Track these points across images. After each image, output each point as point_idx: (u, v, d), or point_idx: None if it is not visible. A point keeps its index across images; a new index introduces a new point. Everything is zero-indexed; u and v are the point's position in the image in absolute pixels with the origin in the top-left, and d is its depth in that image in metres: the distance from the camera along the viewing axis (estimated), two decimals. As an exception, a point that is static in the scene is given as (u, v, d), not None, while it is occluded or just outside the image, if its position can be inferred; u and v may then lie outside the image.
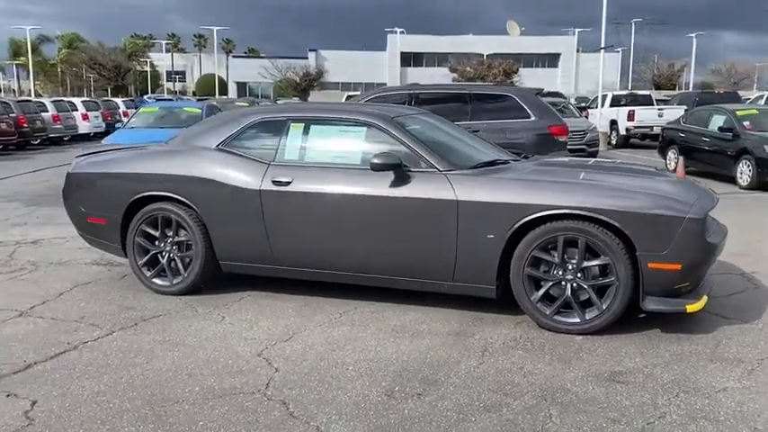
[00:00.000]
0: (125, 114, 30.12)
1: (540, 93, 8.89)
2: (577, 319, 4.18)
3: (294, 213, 4.69)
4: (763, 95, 24.41)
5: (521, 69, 47.90)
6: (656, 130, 20.58)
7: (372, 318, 4.55)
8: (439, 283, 4.52)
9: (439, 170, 4.45)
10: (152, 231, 5.13)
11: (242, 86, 65.88)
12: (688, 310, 4.07)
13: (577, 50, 61.69)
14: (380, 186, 4.47)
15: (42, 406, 3.26)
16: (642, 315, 4.40)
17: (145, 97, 49.41)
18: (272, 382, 3.52)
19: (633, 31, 36.49)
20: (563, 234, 4.13)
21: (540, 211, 4.13)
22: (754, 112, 12.99)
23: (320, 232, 4.65)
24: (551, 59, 60.47)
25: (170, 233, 5.11)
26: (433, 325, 4.40)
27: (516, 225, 4.18)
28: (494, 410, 3.18)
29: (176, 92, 71.13)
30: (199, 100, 40.97)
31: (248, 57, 74.39)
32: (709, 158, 12.80)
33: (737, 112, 12.71)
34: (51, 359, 3.86)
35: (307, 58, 61.16)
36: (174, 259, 5.12)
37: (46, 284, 5.46)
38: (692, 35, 49.08)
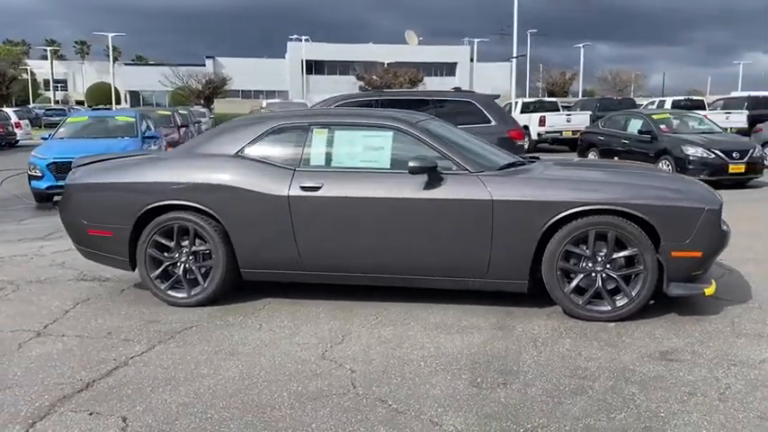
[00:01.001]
0: (17, 126, 28.18)
1: (496, 98, 9.29)
2: (609, 307, 4.49)
3: (325, 218, 4.71)
4: (654, 101, 26.49)
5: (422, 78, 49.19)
6: (566, 135, 21.91)
7: (408, 317, 4.66)
8: (472, 280, 4.70)
9: (470, 172, 4.64)
10: (166, 242, 4.99)
11: (134, 95, 63.22)
12: (706, 294, 4.49)
13: (471, 60, 64.08)
14: (415, 189, 4.59)
15: (136, 421, 3.14)
16: (651, 302, 4.78)
17: (29, 107, 46.36)
18: (356, 382, 3.57)
19: (529, 41, 38.51)
20: (594, 228, 4.43)
21: (574, 208, 4.40)
22: (668, 116, 14.15)
23: (353, 236, 4.70)
24: (449, 68, 62.46)
25: (184, 243, 4.99)
26: (471, 320, 4.57)
27: (551, 221, 4.44)
28: (581, 393, 3.40)
29: (58, 101, 67.16)
30: (93, 110, 38.91)
31: (141, 64, 71.44)
32: (629, 159, 13.78)
33: (654, 116, 13.81)
34: (108, 376, 3.69)
35: (204, 65, 59.66)
36: (191, 270, 4.99)
37: (41, 303, 5.15)
38: (580, 45, 52.43)
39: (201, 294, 4.96)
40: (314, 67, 57.99)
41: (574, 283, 4.52)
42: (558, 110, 24.17)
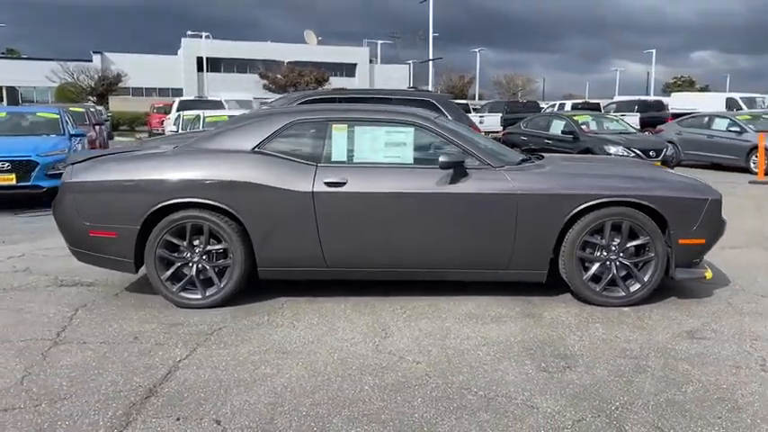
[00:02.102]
0: None
1: (451, 98, 9.53)
2: (623, 293, 4.79)
3: (351, 214, 4.71)
4: (554, 105, 27.96)
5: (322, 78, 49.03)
6: (479, 135, 22.62)
7: (435, 310, 4.74)
8: (495, 271, 4.86)
9: (493, 166, 4.80)
10: (177, 242, 4.79)
11: (11, 91, 58.65)
12: (707, 278, 4.89)
13: (371, 61, 64.70)
14: (443, 183, 4.69)
15: (231, 423, 3.04)
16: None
17: None
18: (429, 373, 3.62)
19: (432, 45, 39.36)
20: (610, 219, 4.71)
21: (594, 200, 4.66)
22: (588, 117, 15.04)
23: (379, 231, 4.73)
24: (349, 69, 62.65)
25: (196, 242, 4.82)
26: (497, 310, 4.72)
27: (571, 213, 4.68)
28: (642, 372, 3.63)
29: None
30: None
31: (15, 58, 66.30)
32: (554, 158, 14.53)
33: (575, 118, 14.63)
34: (166, 381, 3.52)
35: (90, 60, 56.34)
36: (205, 270, 4.82)
37: (34, 311, 4.79)
38: (476, 50, 54.47)
39: (218, 295, 4.80)
40: (210, 64, 56.26)
41: (591, 272, 4.78)
42: (470, 112, 24.96)
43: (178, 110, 20.48)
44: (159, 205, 4.72)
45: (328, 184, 4.70)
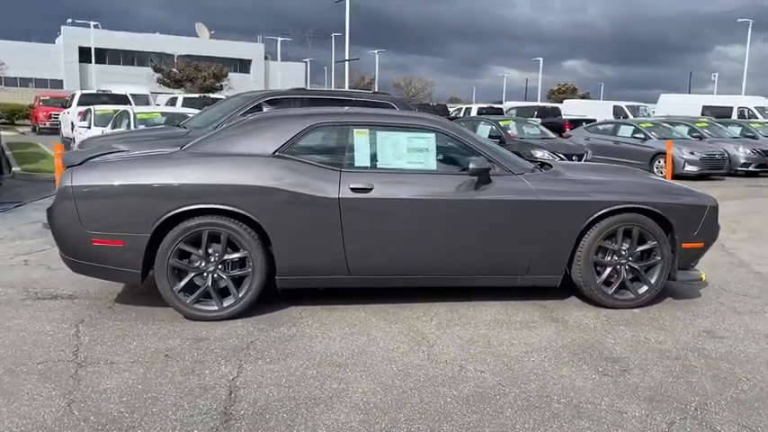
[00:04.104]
0: None
1: (409, 101, 9.56)
2: (632, 296, 5.02)
3: (377, 220, 4.62)
4: (461, 108, 28.77)
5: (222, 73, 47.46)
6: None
7: (459, 316, 4.75)
8: (514, 276, 4.93)
9: (513, 173, 4.87)
10: (192, 250, 4.50)
11: None
12: (703, 279, 5.22)
13: (266, 58, 63.58)
14: (466, 189, 4.70)
15: (340, 446, 2.89)
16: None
17: None
18: (500, 381, 3.61)
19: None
20: (623, 225, 4.92)
21: (612, 206, 4.84)
22: (511, 122, 15.59)
23: (405, 238, 4.67)
24: (242, 65, 61.14)
25: (212, 251, 4.54)
26: (520, 315, 4.80)
27: (591, 218, 4.84)
28: (692, 372, 3.82)
29: None
30: None
31: None
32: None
33: (500, 122, 15.12)
34: (236, 402, 3.31)
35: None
36: (221, 279, 4.56)
37: (27, 328, 4.34)
38: (375, 52, 55.00)
39: (236, 306, 4.55)
40: (94, 55, 52.87)
41: (604, 275, 4.97)
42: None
43: (80, 104, 19.09)
44: (174, 211, 4.41)
45: (354, 189, 4.58)
